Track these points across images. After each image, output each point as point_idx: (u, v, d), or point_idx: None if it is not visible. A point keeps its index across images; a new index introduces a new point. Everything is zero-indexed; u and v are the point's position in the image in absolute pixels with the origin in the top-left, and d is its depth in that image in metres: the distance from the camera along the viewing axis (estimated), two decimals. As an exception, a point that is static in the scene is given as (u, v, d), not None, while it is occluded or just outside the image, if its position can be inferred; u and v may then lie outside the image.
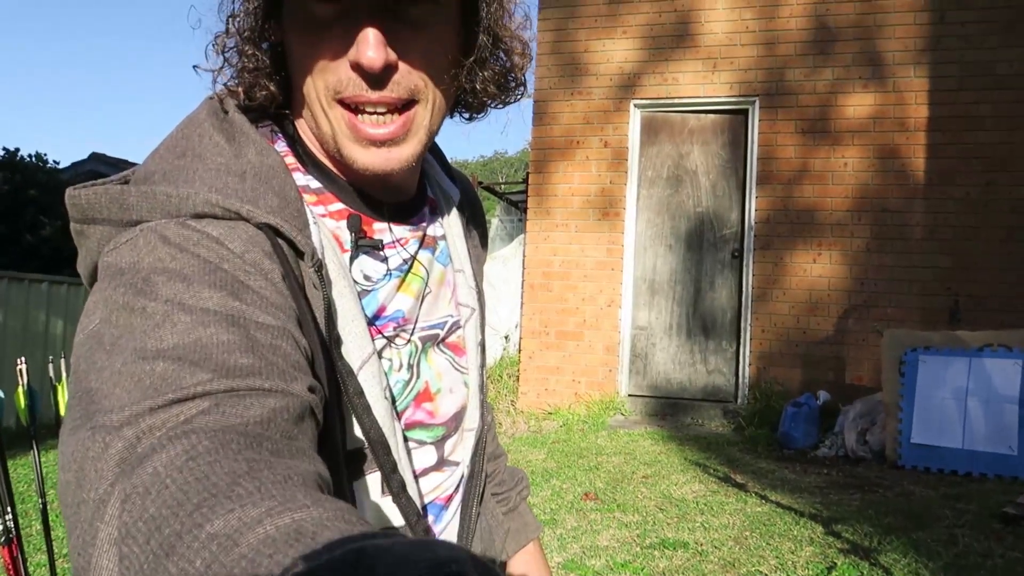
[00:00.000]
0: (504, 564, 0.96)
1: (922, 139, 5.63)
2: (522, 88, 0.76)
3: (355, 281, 0.69)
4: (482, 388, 0.84)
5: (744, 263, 5.99)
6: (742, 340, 5.96)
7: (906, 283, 5.58)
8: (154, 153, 0.64)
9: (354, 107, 0.64)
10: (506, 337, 8.16)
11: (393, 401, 0.71)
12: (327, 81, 0.64)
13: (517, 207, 11.28)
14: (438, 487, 0.78)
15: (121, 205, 0.58)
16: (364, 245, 0.69)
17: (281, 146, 0.70)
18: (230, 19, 0.65)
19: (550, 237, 6.39)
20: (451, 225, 0.83)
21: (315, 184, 0.69)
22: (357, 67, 0.62)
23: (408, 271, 0.74)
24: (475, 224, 0.90)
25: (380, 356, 0.70)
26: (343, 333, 0.64)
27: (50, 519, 2.19)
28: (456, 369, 0.81)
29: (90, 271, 0.62)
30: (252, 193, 0.60)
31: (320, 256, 0.63)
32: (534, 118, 6.52)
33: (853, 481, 4.21)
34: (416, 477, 0.74)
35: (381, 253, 0.71)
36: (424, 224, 0.78)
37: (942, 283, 5.51)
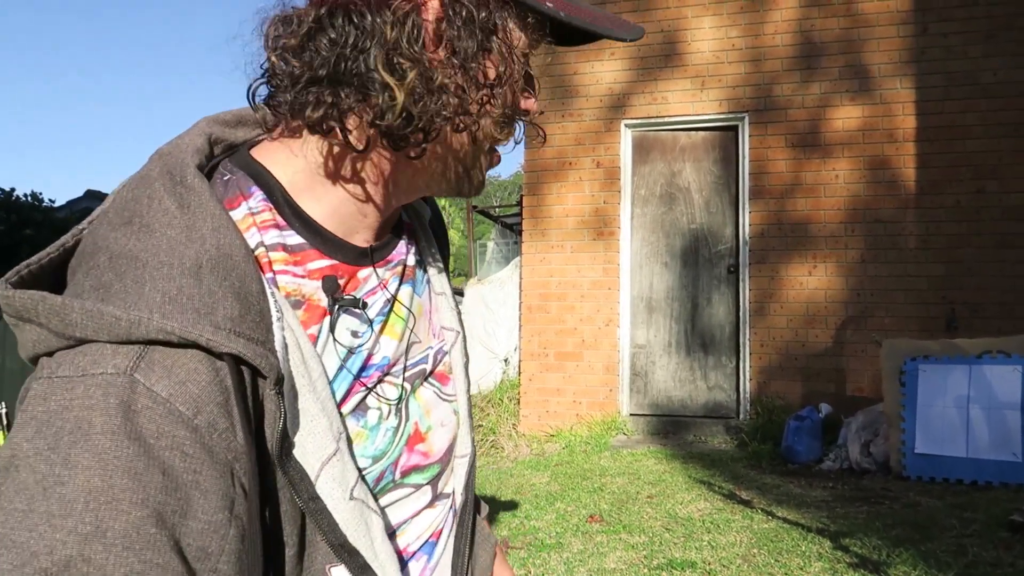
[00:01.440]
0: None
1: (911, 149, 5.68)
2: None
3: (339, 343, 0.65)
4: (470, 411, 0.81)
5: (740, 278, 6.01)
6: (741, 355, 5.96)
7: (901, 293, 5.60)
8: (102, 216, 0.59)
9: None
10: (505, 360, 8.14)
11: (371, 490, 0.66)
12: (503, 129, 0.67)
13: (512, 230, 11.33)
14: (431, 524, 0.75)
15: (63, 319, 0.52)
16: (344, 304, 0.65)
17: (256, 201, 0.63)
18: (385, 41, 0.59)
19: (546, 259, 6.41)
20: (427, 246, 0.80)
21: (294, 240, 0.63)
22: (527, 113, 0.69)
23: (390, 312, 0.71)
24: (443, 237, 0.87)
25: (364, 407, 0.67)
26: (301, 438, 0.59)
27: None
28: (443, 399, 0.78)
29: (30, 359, 0.57)
30: (209, 299, 0.54)
31: (283, 365, 0.57)
32: (526, 141, 6.54)
33: (859, 494, 4.19)
34: (405, 522, 0.72)
35: (360, 311, 0.68)
36: (403, 256, 0.75)
37: (937, 292, 5.53)
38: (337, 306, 0.65)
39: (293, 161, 0.65)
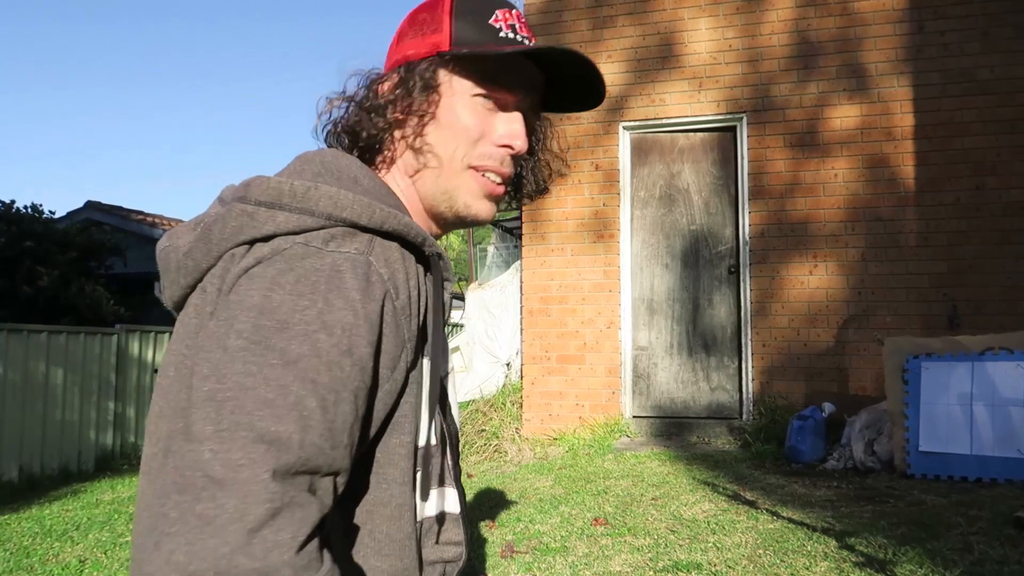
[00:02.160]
0: None
1: (910, 147, 5.68)
2: (546, 185, 1.10)
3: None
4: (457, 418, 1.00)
5: (741, 278, 6.01)
6: (743, 355, 5.95)
7: (903, 291, 5.59)
8: (276, 178, 0.75)
9: (482, 172, 0.89)
10: (507, 364, 8.13)
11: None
12: (475, 152, 0.88)
13: (512, 234, 11.33)
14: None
15: (335, 203, 0.72)
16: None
17: None
18: (376, 87, 0.89)
19: (546, 262, 6.41)
20: None
21: None
22: (507, 148, 0.89)
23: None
24: None
25: None
26: (440, 347, 0.79)
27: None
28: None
29: (216, 256, 0.74)
30: (408, 219, 0.76)
31: None
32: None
33: (864, 493, 4.18)
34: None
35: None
36: None
37: (938, 289, 5.52)
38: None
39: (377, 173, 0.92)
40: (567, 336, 6.28)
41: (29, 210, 10.23)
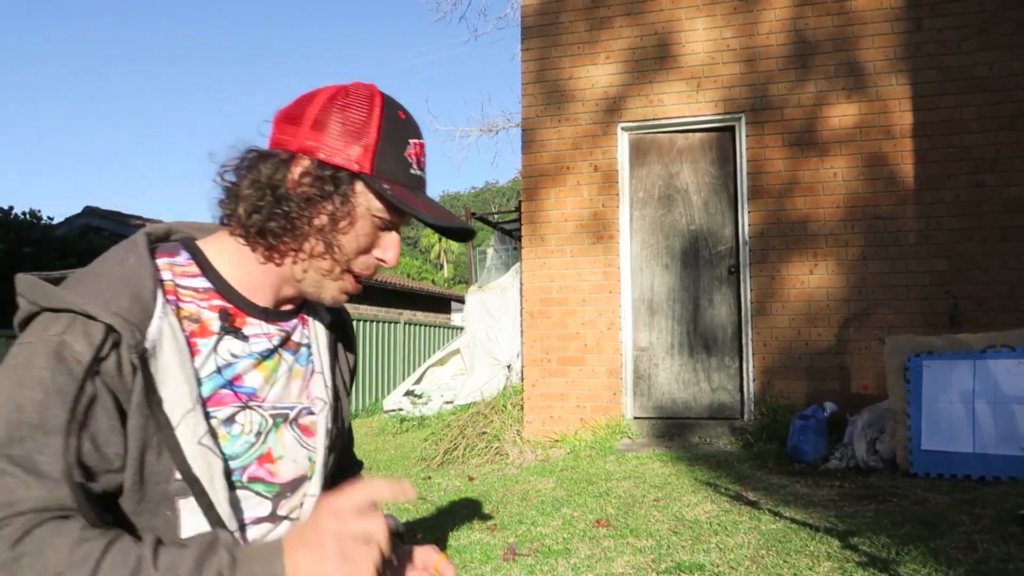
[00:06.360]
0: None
1: (908, 145, 5.68)
2: None
3: (219, 355, 0.96)
4: (325, 464, 1.08)
5: (741, 278, 6.00)
6: (744, 355, 5.94)
7: (904, 288, 5.59)
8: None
9: (356, 276, 1.02)
10: (508, 367, 8.13)
11: (221, 452, 0.93)
12: (358, 261, 1.01)
13: (511, 236, 11.32)
14: (268, 535, 0.99)
15: (43, 293, 0.87)
16: (227, 330, 0.98)
17: (181, 258, 0.99)
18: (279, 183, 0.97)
19: (546, 263, 6.40)
20: (318, 337, 1.13)
21: (204, 284, 0.98)
22: (382, 260, 1.03)
23: (265, 358, 1.02)
24: (344, 340, 1.21)
25: (234, 420, 0.96)
26: (167, 394, 0.88)
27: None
28: (302, 446, 1.05)
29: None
30: (109, 294, 0.86)
31: (150, 343, 0.87)
32: (523, 146, 6.56)
33: (866, 492, 4.17)
34: (246, 524, 0.97)
35: (240, 340, 0.99)
36: (290, 330, 1.07)
37: (940, 287, 5.51)
38: (222, 329, 0.98)
39: (220, 243, 1.02)
40: (567, 338, 6.27)
41: (27, 216, 10.21)
